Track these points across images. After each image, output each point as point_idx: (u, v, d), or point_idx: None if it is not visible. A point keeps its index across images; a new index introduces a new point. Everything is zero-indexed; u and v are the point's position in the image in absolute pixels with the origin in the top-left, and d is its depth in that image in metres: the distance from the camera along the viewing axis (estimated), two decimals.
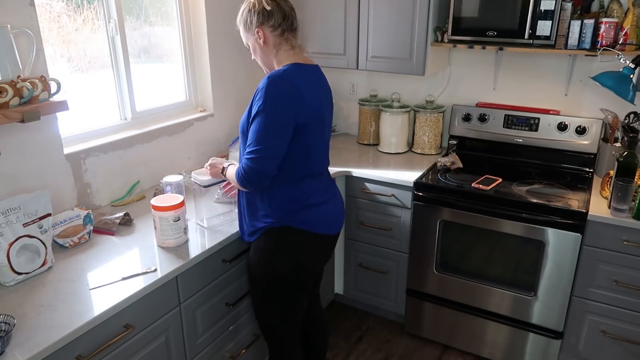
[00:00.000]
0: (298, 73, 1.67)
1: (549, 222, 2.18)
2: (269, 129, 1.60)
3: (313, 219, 1.74)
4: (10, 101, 1.56)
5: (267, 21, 1.70)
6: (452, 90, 2.90)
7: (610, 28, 2.20)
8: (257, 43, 1.74)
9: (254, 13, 1.69)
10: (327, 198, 1.80)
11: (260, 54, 1.76)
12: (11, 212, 1.56)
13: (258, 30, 1.70)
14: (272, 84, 1.60)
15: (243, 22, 1.73)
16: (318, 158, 1.77)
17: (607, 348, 2.25)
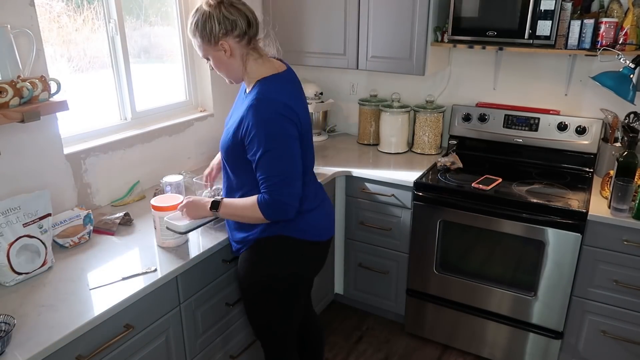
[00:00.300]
0: (278, 87, 1.57)
1: (549, 222, 2.18)
2: (283, 156, 1.53)
3: (305, 226, 1.69)
4: (10, 101, 1.56)
5: (232, 32, 1.53)
6: (452, 90, 2.90)
7: (610, 28, 2.20)
8: (222, 56, 1.58)
9: (215, 23, 1.52)
10: (318, 204, 1.76)
11: (226, 67, 1.61)
12: (11, 212, 1.56)
13: (222, 43, 1.54)
14: (262, 110, 1.50)
15: (200, 33, 1.55)
16: (307, 163, 1.71)
17: (607, 348, 2.25)
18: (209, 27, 1.53)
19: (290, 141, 1.55)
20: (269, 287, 1.72)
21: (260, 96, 1.53)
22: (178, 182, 2.00)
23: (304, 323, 2.06)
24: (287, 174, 1.54)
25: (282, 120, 1.52)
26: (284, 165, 1.54)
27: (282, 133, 1.53)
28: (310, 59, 2.82)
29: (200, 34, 1.55)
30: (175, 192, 1.96)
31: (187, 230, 1.72)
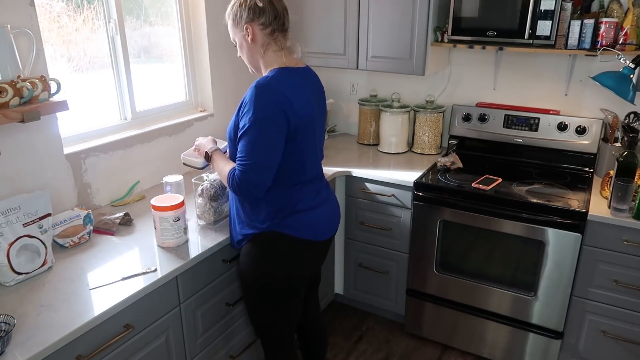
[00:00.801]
0: (284, 78, 1.62)
1: (549, 222, 2.18)
2: (262, 141, 1.56)
3: (300, 224, 1.70)
4: (10, 101, 1.56)
5: (258, 18, 1.63)
6: (452, 90, 2.90)
7: (610, 28, 2.20)
8: (244, 40, 1.68)
9: (244, 8, 1.63)
10: (318, 203, 1.76)
11: (247, 51, 1.71)
12: (11, 212, 1.56)
13: (247, 27, 1.64)
14: (259, 94, 1.55)
15: (232, 16, 1.67)
16: (309, 164, 1.72)
17: (607, 348, 2.25)
18: (240, 10, 1.64)
19: (273, 131, 1.57)
20: (265, 283, 1.74)
21: (263, 80, 1.59)
22: (178, 182, 2.00)
23: (307, 322, 2.06)
24: (260, 162, 1.57)
25: (273, 108, 1.56)
26: (259, 151, 1.56)
27: (268, 120, 1.55)
28: (310, 59, 2.82)
29: (233, 15, 1.66)
30: (176, 192, 1.96)
31: (204, 166, 1.85)
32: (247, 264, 1.75)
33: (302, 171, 1.70)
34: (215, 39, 2.57)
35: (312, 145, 1.73)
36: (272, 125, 1.56)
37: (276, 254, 1.71)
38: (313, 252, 1.79)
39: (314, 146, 1.74)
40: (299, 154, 1.66)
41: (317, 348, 2.13)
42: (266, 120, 1.55)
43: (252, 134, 1.55)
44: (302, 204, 1.71)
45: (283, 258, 1.72)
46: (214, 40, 2.57)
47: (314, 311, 2.10)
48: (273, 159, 1.59)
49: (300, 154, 1.66)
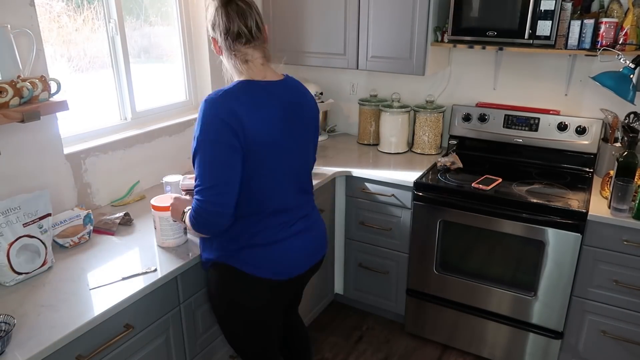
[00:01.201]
0: (240, 92, 1.44)
1: (549, 222, 2.18)
2: (214, 161, 1.40)
3: (255, 261, 1.53)
4: (10, 101, 1.56)
5: (214, 31, 1.49)
6: (452, 90, 2.90)
7: (610, 28, 2.20)
8: (214, 49, 1.56)
9: (208, 20, 1.50)
10: (285, 236, 1.56)
11: (222, 61, 1.57)
12: (11, 212, 1.56)
13: (213, 37, 1.51)
14: (205, 110, 1.41)
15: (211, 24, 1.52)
16: (273, 193, 1.52)
17: (607, 348, 2.25)
18: (208, 18, 1.51)
19: (223, 150, 1.40)
20: (232, 312, 1.62)
21: (212, 94, 1.44)
22: (178, 182, 2.00)
23: (289, 332, 1.95)
24: (215, 184, 1.41)
25: (220, 125, 1.39)
26: (212, 173, 1.42)
27: (217, 140, 1.40)
28: (310, 59, 2.82)
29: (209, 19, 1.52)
30: (176, 192, 1.96)
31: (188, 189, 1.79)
32: (210, 290, 1.65)
33: (261, 201, 1.51)
34: None
35: (277, 170, 1.51)
36: (221, 144, 1.40)
37: (227, 289, 1.58)
38: (276, 290, 1.59)
39: (281, 172, 1.52)
40: (255, 181, 1.47)
41: (302, 355, 2.01)
42: (214, 140, 1.40)
43: (202, 154, 1.42)
44: (261, 238, 1.53)
45: (235, 295, 1.57)
46: None
47: (294, 320, 1.97)
48: (230, 180, 1.42)
49: (257, 180, 1.48)
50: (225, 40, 1.48)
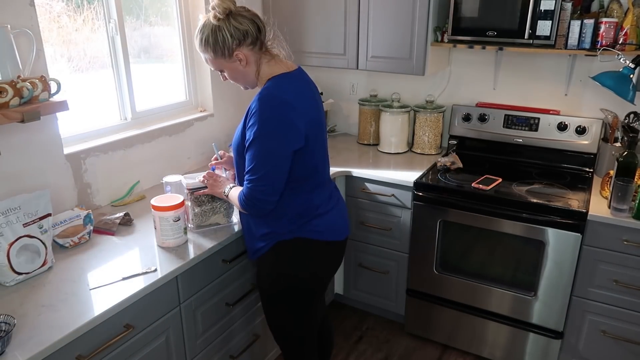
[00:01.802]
0: (286, 86, 1.58)
1: (549, 222, 2.18)
2: (269, 154, 1.53)
3: (322, 227, 1.70)
4: (11, 101, 1.56)
5: (244, 40, 1.55)
6: (452, 90, 2.90)
7: (610, 28, 2.20)
8: (235, 66, 1.59)
9: (227, 35, 1.52)
10: (332, 205, 1.76)
11: (243, 76, 1.63)
12: (11, 212, 1.56)
13: (237, 54, 1.55)
14: (263, 106, 1.51)
15: (213, 49, 1.55)
16: (321, 167, 1.72)
17: (607, 348, 2.25)
18: (221, 40, 1.54)
19: (278, 144, 1.54)
20: (289, 290, 1.72)
21: (266, 91, 1.55)
22: (178, 182, 2.00)
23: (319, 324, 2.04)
24: (266, 175, 1.55)
25: (279, 120, 1.52)
26: (265, 165, 1.54)
27: (274, 133, 1.52)
28: (311, 59, 2.82)
29: (213, 48, 1.56)
30: (176, 192, 1.96)
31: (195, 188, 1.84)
32: (270, 274, 1.73)
33: (316, 175, 1.69)
34: None
35: (322, 147, 1.72)
36: (277, 138, 1.53)
37: (302, 259, 1.70)
38: (335, 252, 1.79)
39: (323, 149, 1.73)
40: (312, 159, 1.64)
41: (326, 349, 2.13)
42: (271, 133, 1.52)
43: (257, 147, 1.53)
44: (322, 208, 1.71)
45: (309, 262, 1.71)
46: None
47: (323, 312, 2.08)
48: (280, 172, 1.56)
49: (313, 158, 1.64)
50: (255, 45, 1.59)
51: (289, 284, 1.72)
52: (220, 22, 1.53)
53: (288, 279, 1.71)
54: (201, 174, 1.86)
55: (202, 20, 1.58)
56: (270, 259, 1.72)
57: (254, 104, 1.55)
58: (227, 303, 1.95)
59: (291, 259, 1.70)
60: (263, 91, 1.56)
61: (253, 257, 1.79)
